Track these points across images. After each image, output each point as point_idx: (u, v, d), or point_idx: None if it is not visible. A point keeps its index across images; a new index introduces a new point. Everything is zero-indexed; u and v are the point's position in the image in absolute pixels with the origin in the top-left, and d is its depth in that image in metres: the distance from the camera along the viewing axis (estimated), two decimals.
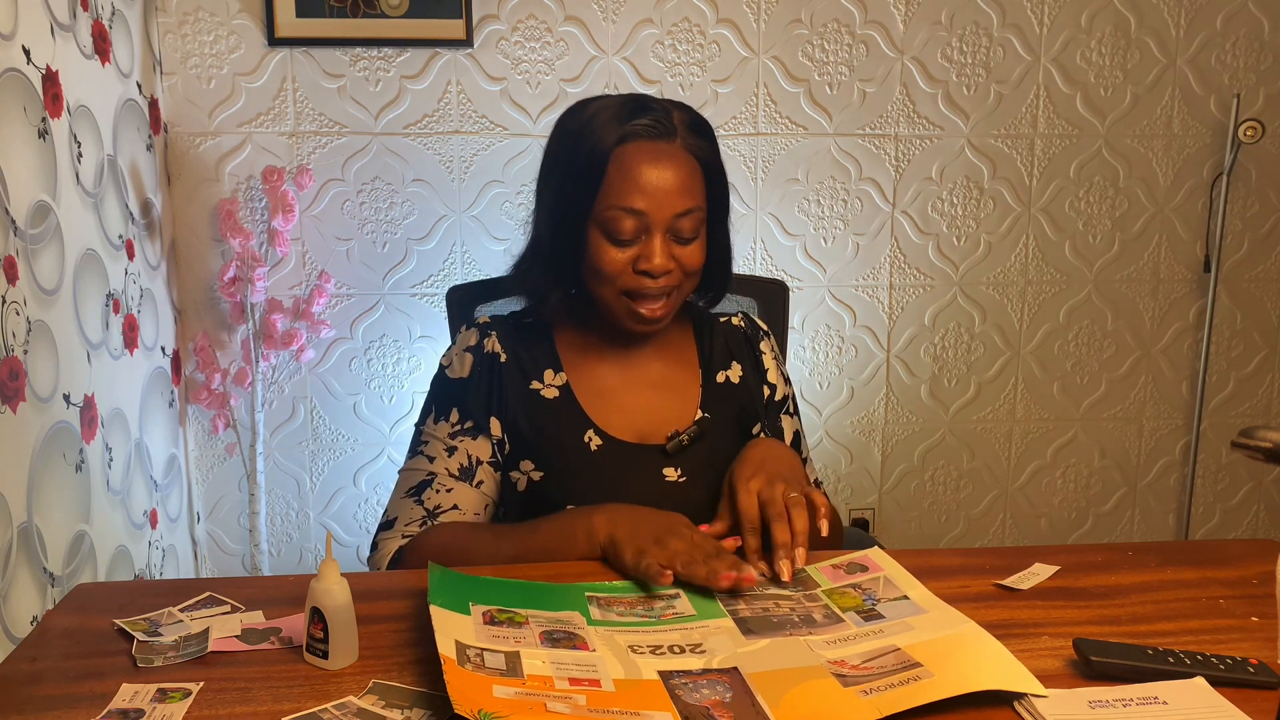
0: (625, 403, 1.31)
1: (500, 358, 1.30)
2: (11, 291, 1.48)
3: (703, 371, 1.36)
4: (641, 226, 1.21)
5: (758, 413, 1.37)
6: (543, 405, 1.29)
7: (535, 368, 1.31)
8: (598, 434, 1.28)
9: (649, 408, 1.31)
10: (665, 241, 1.22)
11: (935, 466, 2.59)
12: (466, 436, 1.28)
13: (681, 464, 1.29)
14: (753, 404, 1.37)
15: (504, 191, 2.34)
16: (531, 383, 1.30)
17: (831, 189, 2.43)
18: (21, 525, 1.48)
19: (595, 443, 1.28)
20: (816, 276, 2.46)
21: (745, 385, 1.37)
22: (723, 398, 1.35)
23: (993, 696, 0.87)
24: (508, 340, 1.32)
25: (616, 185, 1.21)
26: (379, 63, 2.27)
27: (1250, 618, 1.04)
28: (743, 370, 1.38)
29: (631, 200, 1.20)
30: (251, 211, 2.29)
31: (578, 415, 1.29)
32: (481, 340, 1.32)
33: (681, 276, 1.25)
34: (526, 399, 1.29)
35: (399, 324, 2.38)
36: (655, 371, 1.34)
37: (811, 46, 2.36)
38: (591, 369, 1.32)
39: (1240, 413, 2.64)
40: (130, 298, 2.00)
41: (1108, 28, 2.42)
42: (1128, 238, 2.52)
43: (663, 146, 1.22)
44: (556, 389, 1.30)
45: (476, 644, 0.92)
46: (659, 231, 1.21)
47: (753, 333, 1.42)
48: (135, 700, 0.88)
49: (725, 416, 1.34)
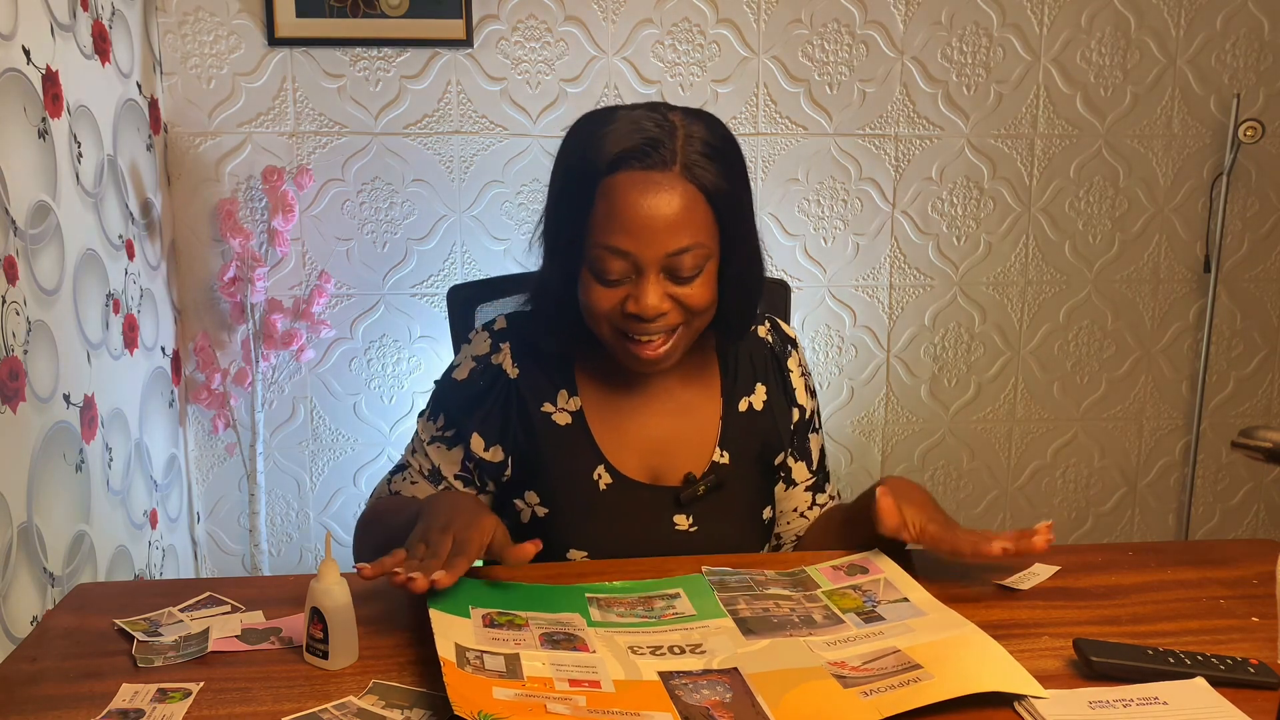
0: (640, 435, 1.24)
1: (509, 374, 1.23)
2: (11, 291, 1.48)
3: (724, 400, 1.27)
4: (630, 267, 1.10)
5: (781, 442, 1.30)
6: (553, 432, 1.23)
7: (550, 387, 1.23)
8: (608, 471, 1.22)
9: (665, 441, 1.24)
10: (659, 281, 1.11)
11: (935, 466, 2.59)
12: (442, 444, 1.26)
13: (694, 513, 1.24)
14: (776, 433, 1.30)
15: (504, 191, 2.34)
16: (544, 404, 1.23)
17: (831, 189, 2.43)
18: (21, 525, 1.48)
19: (605, 480, 1.22)
20: (816, 276, 2.46)
21: (769, 411, 1.29)
22: (744, 430, 1.27)
23: (993, 697, 0.87)
24: (521, 355, 1.24)
25: (602, 221, 1.10)
26: (379, 63, 2.27)
27: (1250, 618, 1.05)
28: (767, 394, 1.29)
29: (616, 240, 1.09)
30: (251, 211, 2.29)
31: (589, 448, 1.22)
32: (491, 352, 1.25)
33: (683, 316, 1.14)
34: (537, 422, 1.23)
35: (399, 324, 2.38)
36: (675, 397, 1.25)
37: (811, 46, 2.36)
38: (608, 393, 1.24)
39: (1240, 413, 2.64)
40: (130, 298, 2.00)
41: (1108, 28, 2.42)
42: (1128, 238, 2.52)
43: (656, 177, 1.09)
44: (569, 414, 1.23)
45: (476, 646, 0.92)
46: (651, 271, 1.10)
47: (780, 348, 1.32)
48: (135, 700, 0.88)
49: (746, 452, 1.27)
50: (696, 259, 1.11)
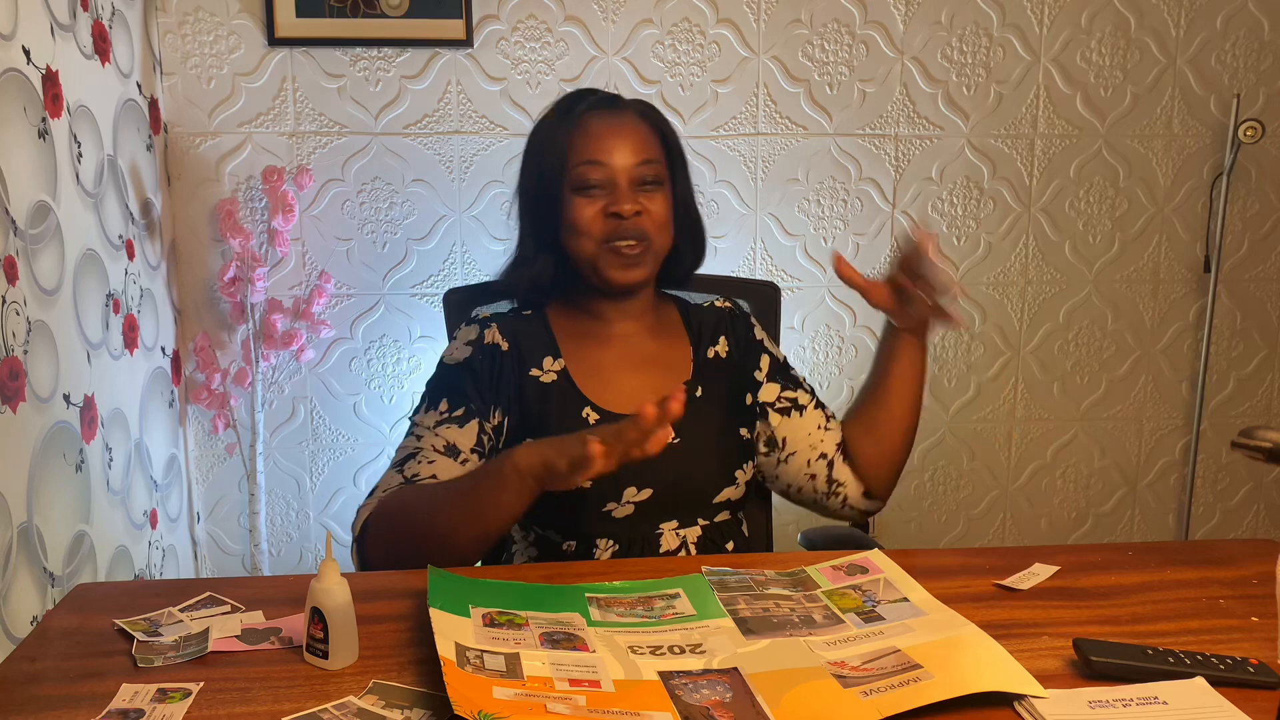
0: (620, 380, 1.37)
1: (501, 347, 1.36)
2: (11, 291, 1.48)
3: (694, 348, 1.43)
4: (606, 176, 1.32)
5: (749, 384, 1.44)
6: (542, 390, 1.35)
7: (534, 355, 1.37)
8: (595, 410, 1.34)
9: (643, 383, 1.38)
10: (631, 190, 1.32)
11: (935, 467, 2.59)
12: (453, 424, 1.31)
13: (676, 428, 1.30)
14: (744, 377, 1.44)
15: (504, 191, 2.34)
16: (531, 369, 1.36)
17: (831, 189, 2.43)
18: (21, 525, 1.48)
19: (593, 418, 1.33)
20: (816, 276, 2.46)
21: (734, 359, 1.44)
22: (714, 371, 1.42)
23: (993, 697, 0.87)
24: (507, 330, 1.38)
25: (580, 146, 1.33)
26: (379, 63, 2.27)
27: (1250, 618, 1.05)
28: (729, 346, 1.44)
29: (593, 153, 1.32)
30: (251, 211, 2.29)
31: (575, 396, 1.35)
32: (482, 333, 1.38)
33: (651, 227, 1.33)
34: (527, 385, 1.35)
35: (399, 324, 2.38)
36: (648, 349, 1.41)
37: (811, 46, 2.36)
38: (587, 351, 1.39)
39: (1240, 413, 2.64)
40: (130, 298, 2.00)
41: (1108, 28, 2.42)
42: (1128, 238, 2.52)
43: (617, 114, 1.35)
44: (555, 374, 1.36)
45: (476, 646, 0.92)
46: (623, 180, 1.32)
47: (740, 313, 1.49)
48: (135, 700, 0.88)
49: (717, 388, 1.41)
50: (654, 172, 1.34)
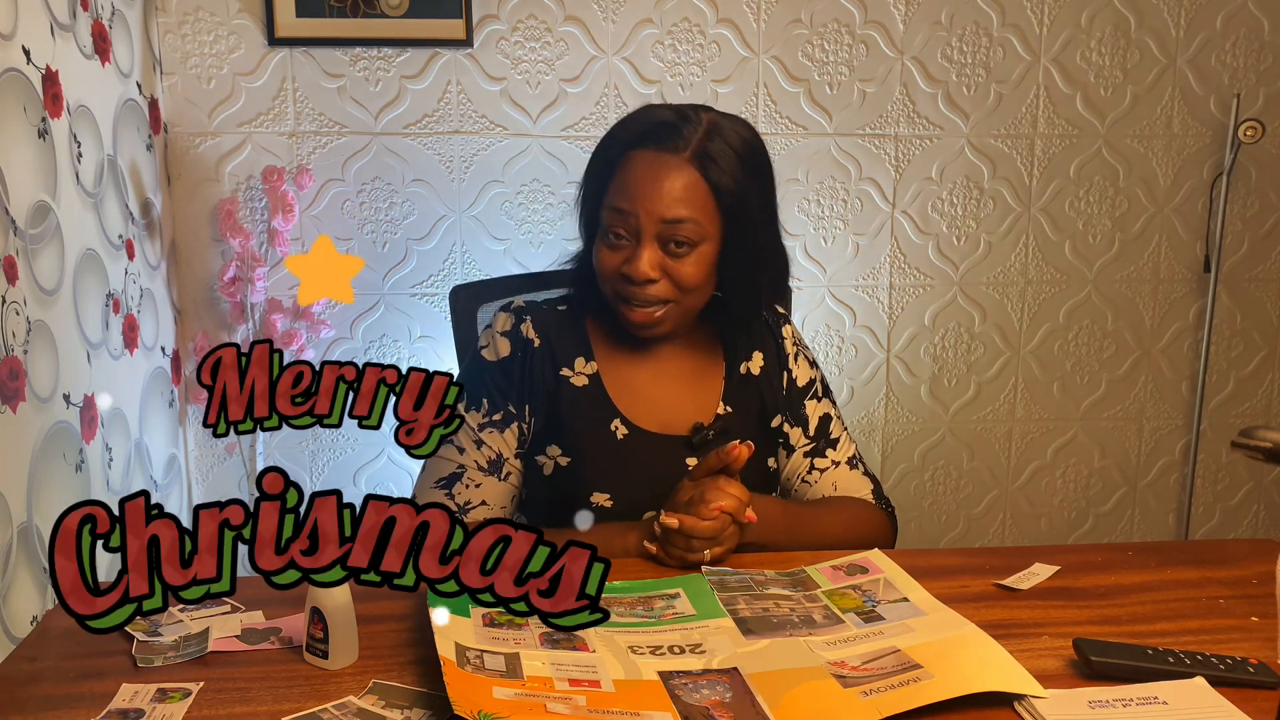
0: (651, 394, 1.34)
1: (534, 343, 1.32)
2: (11, 291, 1.48)
3: (727, 363, 1.39)
4: (631, 230, 1.22)
5: (777, 404, 1.41)
6: (572, 393, 1.32)
7: (567, 354, 1.33)
8: (624, 424, 1.31)
9: (674, 400, 1.35)
10: (655, 250, 1.22)
11: (935, 466, 2.59)
12: (494, 429, 1.30)
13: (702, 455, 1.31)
14: (773, 395, 1.41)
15: (504, 191, 2.34)
16: (562, 369, 1.33)
17: (831, 189, 2.43)
18: (21, 525, 1.48)
19: (621, 432, 1.31)
20: (816, 276, 2.46)
21: (766, 375, 1.40)
22: (745, 391, 1.38)
23: (993, 697, 0.87)
24: (541, 325, 1.33)
25: (615, 187, 1.24)
26: (379, 63, 2.27)
27: (1250, 618, 1.05)
28: (764, 359, 1.40)
29: (620, 201, 1.22)
30: (251, 211, 2.29)
31: (605, 405, 1.32)
32: (518, 325, 1.33)
33: (674, 291, 1.25)
34: (557, 385, 1.32)
35: (399, 324, 2.38)
36: (681, 364, 1.37)
37: (811, 46, 2.36)
38: (620, 359, 1.35)
39: (1240, 413, 2.64)
40: (130, 298, 2.00)
41: (1108, 28, 2.42)
42: (1128, 238, 2.52)
43: (666, 157, 1.22)
44: (586, 377, 1.33)
45: (476, 645, 0.92)
46: (648, 238, 1.22)
47: (773, 320, 1.44)
48: (135, 700, 0.88)
49: (747, 410, 1.38)
50: (690, 234, 1.22)
